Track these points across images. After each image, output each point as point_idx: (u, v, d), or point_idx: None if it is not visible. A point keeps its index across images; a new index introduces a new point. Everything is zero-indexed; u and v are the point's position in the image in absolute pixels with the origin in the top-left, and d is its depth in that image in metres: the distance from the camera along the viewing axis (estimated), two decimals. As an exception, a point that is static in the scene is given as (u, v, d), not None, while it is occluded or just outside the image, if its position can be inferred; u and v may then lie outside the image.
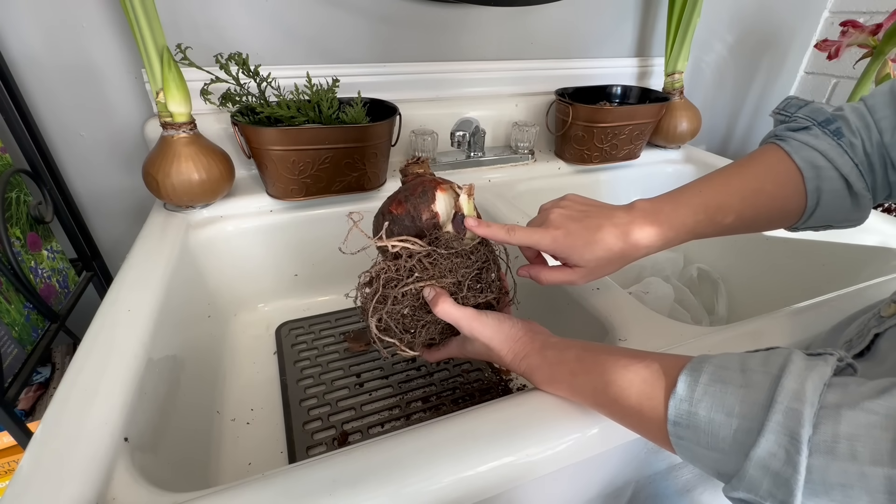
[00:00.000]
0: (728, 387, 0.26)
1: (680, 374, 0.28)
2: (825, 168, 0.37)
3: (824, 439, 0.22)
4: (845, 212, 0.39)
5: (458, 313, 0.38)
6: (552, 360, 0.36)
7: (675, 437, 0.28)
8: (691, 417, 0.27)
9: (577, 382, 0.34)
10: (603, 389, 0.32)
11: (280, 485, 0.29)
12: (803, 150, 0.38)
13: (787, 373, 0.25)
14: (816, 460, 0.22)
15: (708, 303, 0.79)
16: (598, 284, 0.51)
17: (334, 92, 0.63)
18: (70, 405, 0.34)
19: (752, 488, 0.24)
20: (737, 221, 0.40)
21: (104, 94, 0.65)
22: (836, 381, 0.25)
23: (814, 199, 0.38)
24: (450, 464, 0.31)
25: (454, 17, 0.77)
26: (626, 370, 0.31)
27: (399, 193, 0.42)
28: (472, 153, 0.79)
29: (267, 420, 0.52)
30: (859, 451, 0.21)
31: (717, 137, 1.19)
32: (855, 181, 0.37)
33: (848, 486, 0.22)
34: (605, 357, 0.33)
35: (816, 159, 0.38)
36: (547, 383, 0.36)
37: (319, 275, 0.71)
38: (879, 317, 0.34)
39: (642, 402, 0.30)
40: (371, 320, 0.40)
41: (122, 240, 0.75)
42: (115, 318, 0.42)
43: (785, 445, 0.23)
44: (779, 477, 0.23)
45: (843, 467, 0.22)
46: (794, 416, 0.23)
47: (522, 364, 0.37)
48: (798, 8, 1.07)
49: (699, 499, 0.51)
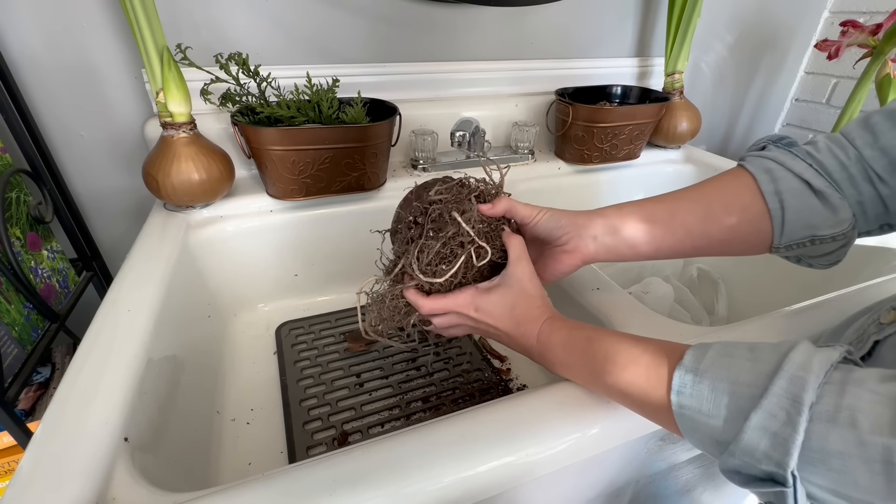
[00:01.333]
0: (735, 360, 0.27)
1: (687, 350, 0.29)
2: (776, 170, 0.38)
3: (826, 409, 0.23)
4: (818, 213, 0.37)
5: (522, 249, 0.40)
6: (563, 340, 0.37)
7: (678, 406, 0.28)
8: (695, 386, 0.27)
9: (590, 349, 0.35)
10: (613, 359, 0.33)
11: (280, 485, 0.29)
12: (756, 161, 0.40)
13: (796, 349, 0.26)
14: (817, 426, 0.23)
15: (708, 303, 0.79)
16: (598, 284, 0.51)
17: (334, 92, 0.63)
18: (70, 405, 0.34)
19: (748, 452, 0.25)
20: (689, 225, 0.40)
21: (104, 94, 0.65)
22: (842, 366, 0.25)
23: (775, 201, 0.37)
24: (450, 464, 0.31)
25: (454, 17, 0.77)
26: (636, 346, 0.32)
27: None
28: (471, 153, 0.79)
29: (267, 420, 0.52)
30: (860, 421, 0.22)
31: (717, 137, 1.19)
32: (812, 178, 0.36)
33: (846, 455, 0.22)
34: (614, 336, 0.35)
35: (767, 164, 0.39)
36: (558, 365, 0.37)
37: (319, 275, 0.71)
38: (879, 323, 0.34)
39: (649, 373, 0.30)
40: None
41: (122, 240, 0.75)
42: (115, 318, 0.42)
43: (786, 408, 0.23)
44: (777, 437, 0.23)
45: (842, 435, 0.22)
46: (799, 382, 0.24)
47: (534, 340, 0.38)
48: (798, 8, 1.07)
49: (699, 499, 0.51)
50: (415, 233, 0.42)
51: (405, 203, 0.45)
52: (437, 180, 0.44)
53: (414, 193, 0.45)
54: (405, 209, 0.44)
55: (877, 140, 0.35)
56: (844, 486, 0.22)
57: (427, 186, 0.44)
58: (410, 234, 0.43)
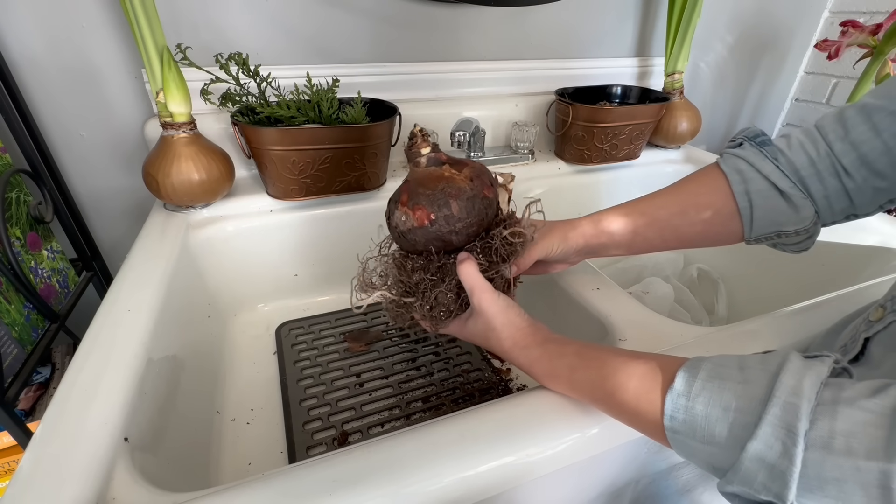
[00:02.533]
0: (726, 383, 0.27)
1: (678, 370, 0.29)
2: (747, 171, 0.41)
3: (821, 435, 0.23)
4: (783, 213, 0.40)
5: (476, 278, 0.38)
6: (552, 353, 0.36)
7: (672, 431, 0.28)
8: (688, 412, 0.27)
9: (575, 377, 0.34)
10: (601, 384, 0.32)
11: (280, 485, 0.29)
12: (730, 160, 0.43)
13: (785, 370, 0.25)
14: (812, 454, 0.23)
15: (708, 303, 0.79)
16: (598, 284, 0.51)
17: (334, 92, 0.63)
18: (70, 405, 0.34)
19: (746, 481, 0.25)
20: (666, 218, 0.44)
21: (104, 94, 0.65)
22: (832, 382, 0.25)
23: (744, 200, 0.41)
24: (450, 464, 0.31)
25: (454, 18, 0.77)
26: (625, 366, 0.32)
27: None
28: (471, 153, 0.79)
29: (267, 420, 0.52)
30: (854, 447, 0.22)
31: (717, 137, 1.19)
32: (778, 180, 0.39)
33: (842, 481, 0.22)
34: (604, 354, 0.34)
35: (740, 164, 0.42)
36: (545, 376, 0.36)
37: (319, 275, 0.71)
38: (868, 321, 0.34)
39: (640, 397, 0.30)
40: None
41: (122, 240, 0.75)
42: (115, 318, 0.42)
43: (782, 438, 0.23)
44: (774, 469, 0.23)
45: (838, 462, 0.22)
46: (792, 410, 0.24)
47: (521, 354, 0.37)
48: (798, 8, 1.07)
49: (699, 499, 0.51)
50: (424, 267, 0.41)
51: (429, 202, 0.38)
52: (461, 189, 0.39)
53: (438, 201, 0.38)
54: (424, 217, 0.39)
55: (847, 134, 0.37)
56: None
57: (450, 194, 0.38)
58: (421, 264, 0.41)
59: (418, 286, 0.41)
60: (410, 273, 0.41)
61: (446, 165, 0.41)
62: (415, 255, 0.42)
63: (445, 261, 0.41)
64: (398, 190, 0.41)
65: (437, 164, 0.41)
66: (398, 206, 0.40)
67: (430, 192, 0.38)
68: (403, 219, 0.39)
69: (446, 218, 0.38)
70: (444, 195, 0.38)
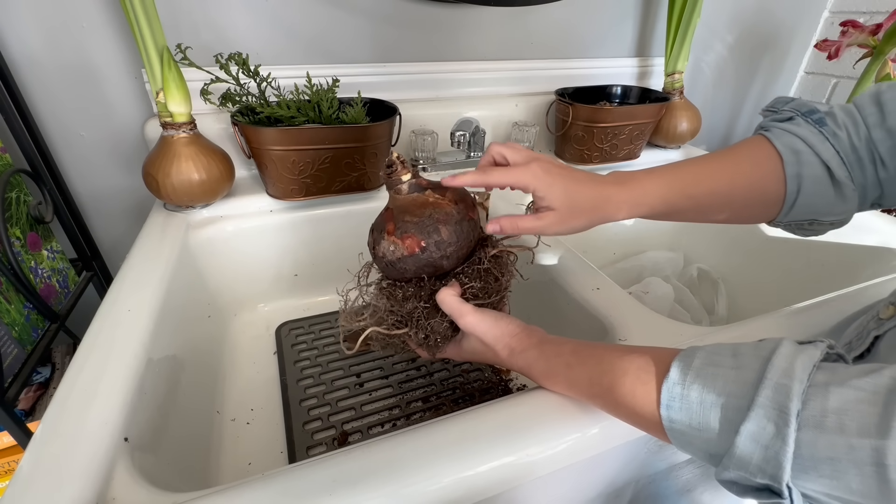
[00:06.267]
0: (719, 369, 0.27)
1: (673, 360, 0.29)
2: (805, 153, 0.37)
3: (813, 414, 0.23)
4: (828, 203, 0.38)
5: (455, 303, 0.38)
6: (549, 353, 0.36)
7: (668, 420, 0.28)
8: (683, 400, 0.27)
9: (572, 374, 0.34)
10: (598, 380, 0.32)
11: (280, 485, 0.29)
12: (784, 137, 0.38)
13: (778, 354, 0.25)
14: (805, 434, 0.23)
15: (708, 303, 0.79)
16: (598, 284, 0.51)
17: (334, 92, 0.63)
18: (70, 405, 0.34)
19: (741, 465, 0.25)
20: (711, 197, 0.40)
21: (104, 94, 0.65)
22: (825, 365, 0.25)
23: (794, 184, 0.37)
24: (450, 464, 0.31)
25: (454, 18, 0.77)
26: (621, 360, 0.32)
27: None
28: (472, 153, 0.79)
29: (267, 420, 0.52)
30: (847, 425, 0.22)
31: (717, 137, 1.19)
32: (836, 168, 0.36)
33: (836, 460, 0.22)
34: (600, 350, 0.34)
35: (796, 144, 0.38)
36: (543, 377, 0.36)
37: (319, 275, 0.71)
38: (878, 319, 0.34)
39: (636, 389, 0.30)
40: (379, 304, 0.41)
41: (122, 240, 0.75)
42: (115, 318, 0.42)
43: (774, 419, 0.23)
44: (768, 451, 0.23)
45: (831, 440, 0.22)
46: (783, 391, 0.24)
47: (519, 359, 0.37)
48: (798, 8, 1.07)
49: (699, 499, 0.51)
50: (416, 294, 0.40)
51: (419, 229, 0.38)
52: (442, 220, 0.38)
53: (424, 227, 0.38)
54: (410, 247, 0.38)
55: (884, 120, 0.35)
56: (838, 490, 0.22)
57: (439, 219, 0.38)
58: (412, 292, 0.40)
59: (412, 315, 0.40)
60: (402, 302, 0.40)
61: (429, 191, 0.41)
62: (403, 283, 0.41)
63: (435, 287, 0.40)
64: (380, 219, 0.41)
65: (419, 189, 0.41)
66: (385, 235, 0.39)
67: (418, 219, 0.38)
68: (392, 248, 0.39)
69: (437, 244, 0.38)
70: (433, 221, 0.38)
